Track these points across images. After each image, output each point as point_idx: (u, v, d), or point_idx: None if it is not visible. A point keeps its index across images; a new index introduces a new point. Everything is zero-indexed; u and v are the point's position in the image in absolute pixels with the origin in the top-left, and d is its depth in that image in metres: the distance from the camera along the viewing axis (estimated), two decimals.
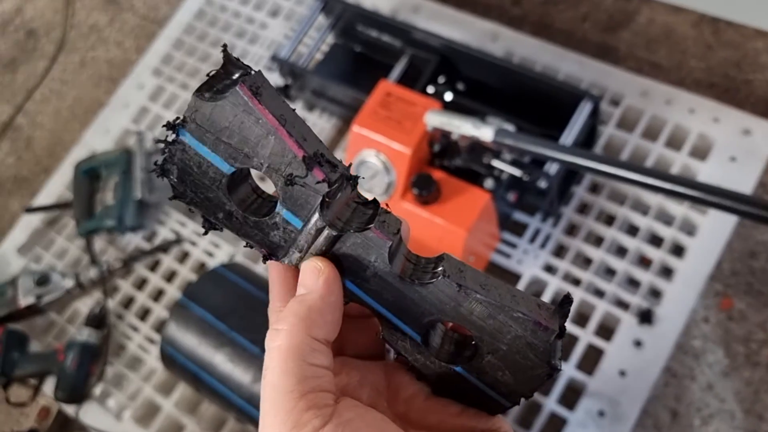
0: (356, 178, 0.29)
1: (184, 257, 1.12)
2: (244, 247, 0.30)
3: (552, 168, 0.86)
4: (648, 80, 1.02)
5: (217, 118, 0.27)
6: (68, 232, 1.19)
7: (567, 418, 0.84)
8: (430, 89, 0.99)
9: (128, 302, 1.11)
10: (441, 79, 1.00)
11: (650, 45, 1.11)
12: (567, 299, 0.28)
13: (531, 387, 0.29)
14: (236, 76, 0.27)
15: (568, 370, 0.86)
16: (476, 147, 0.85)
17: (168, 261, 1.11)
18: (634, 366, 0.85)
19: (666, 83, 1.02)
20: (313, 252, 0.29)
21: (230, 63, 0.28)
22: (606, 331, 0.89)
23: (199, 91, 0.27)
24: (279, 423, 0.25)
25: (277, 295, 0.30)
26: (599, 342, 0.87)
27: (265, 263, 0.30)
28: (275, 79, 1.18)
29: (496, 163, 0.87)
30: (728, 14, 1.08)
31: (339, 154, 1.10)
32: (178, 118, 0.28)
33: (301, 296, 0.28)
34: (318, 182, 0.27)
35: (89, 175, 1.18)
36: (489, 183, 0.88)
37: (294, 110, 0.28)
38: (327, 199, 0.28)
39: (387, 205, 0.29)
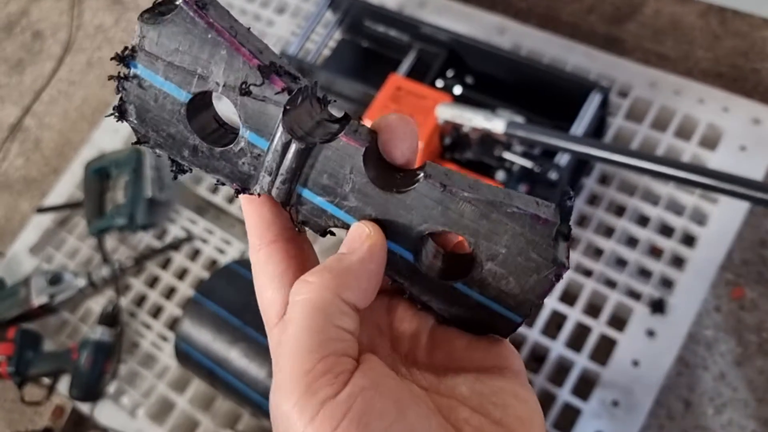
0: (324, 95, 0.27)
1: (195, 255, 1.12)
2: (215, 184, 0.28)
3: (562, 159, 0.87)
4: (656, 71, 1.02)
5: (165, 42, 0.25)
6: (79, 232, 1.20)
7: (581, 408, 0.84)
8: (439, 83, 1.00)
9: (140, 300, 1.11)
10: (450, 73, 1.01)
11: (657, 36, 1.11)
12: (567, 194, 0.26)
13: (539, 292, 0.26)
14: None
15: (582, 360, 0.87)
16: (487, 139, 0.85)
17: (179, 259, 1.11)
18: (646, 356, 0.85)
19: (674, 74, 1.02)
20: (283, 172, 0.26)
21: None
22: (618, 321, 0.89)
23: (145, 15, 0.25)
24: (293, 383, 0.24)
25: (254, 232, 0.28)
26: (612, 332, 0.88)
27: (236, 196, 0.28)
28: None
29: (508, 155, 0.87)
30: (735, 4, 1.08)
31: None
32: (126, 48, 0.26)
33: (342, 255, 0.26)
34: (277, 92, 0.25)
35: (99, 174, 1.19)
36: (500, 175, 0.88)
37: (248, 28, 0.26)
38: (288, 108, 0.25)
39: (360, 119, 0.27)
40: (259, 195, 0.28)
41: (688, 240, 0.92)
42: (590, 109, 0.89)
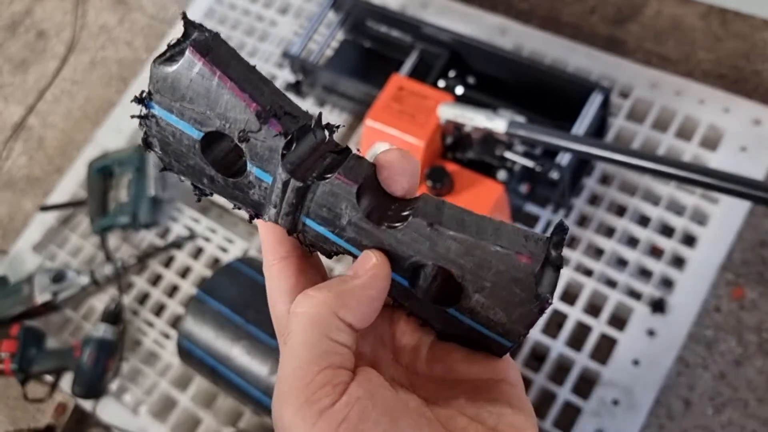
0: (323, 126, 0.29)
1: (198, 253, 1.13)
2: (233, 209, 0.30)
3: (564, 159, 0.87)
4: (657, 72, 1.02)
5: (176, 85, 0.27)
6: (82, 230, 1.21)
7: (581, 407, 0.85)
8: (441, 83, 1.00)
9: (143, 298, 1.12)
10: (451, 74, 1.01)
11: (658, 37, 1.12)
12: (560, 227, 0.27)
13: (526, 323, 0.27)
14: (188, 41, 0.27)
15: (582, 359, 0.87)
16: (489, 139, 0.86)
17: (182, 257, 1.12)
18: (647, 355, 0.85)
19: (675, 75, 1.02)
20: (286, 206, 0.28)
21: (189, 29, 0.28)
22: (619, 320, 0.89)
23: (157, 60, 0.27)
24: (294, 394, 0.25)
25: (268, 249, 0.30)
26: (612, 331, 0.88)
27: (251, 222, 0.30)
28: (286, 75, 1.19)
29: (509, 155, 0.87)
30: (736, 5, 1.08)
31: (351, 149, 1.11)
32: (143, 91, 0.28)
33: (347, 276, 0.28)
34: (275, 135, 0.27)
35: (103, 173, 1.20)
36: (502, 175, 0.88)
37: (253, 67, 0.28)
38: (285, 152, 0.27)
39: (359, 150, 0.29)
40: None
41: (689, 240, 0.92)
42: (591, 110, 0.90)
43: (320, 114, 0.29)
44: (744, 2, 1.07)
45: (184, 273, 1.12)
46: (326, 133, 0.29)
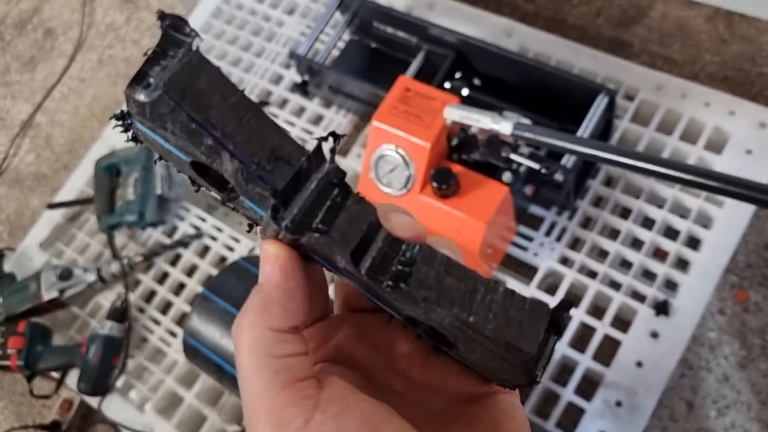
0: (323, 156, 0.26)
1: (204, 251, 1.13)
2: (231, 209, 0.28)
3: (569, 161, 0.87)
4: (663, 74, 1.03)
5: (156, 116, 0.25)
6: (89, 228, 1.21)
7: (584, 408, 0.85)
8: (447, 85, 1.00)
9: (149, 296, 1.12)
10: (457, 75, 1.02)
11: (664, 40, 1.12)
12: (566, 303, 0.26)
13: (514, 384, 0.27)
14: (166, 73, 0.24)
15: (585, 361, 0.87)
16: (494, 141, 0.86)
17: (188, 255, 1.13)
18: (650, 357, 0.86)
19: (680, 77, 1.02)
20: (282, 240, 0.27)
21: (167, 38, 0.25)
22: (622, 322, 0.90)
23: (132, 86, 0.24)
24: (262, 422, 0.24)
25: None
26: (616, 333, 0.88)
27: (249, 231, 0.29)
28: (293, 75, 1.20)
29: (514, 157, 0.88)
30: (742, 8, 1.08)
31: (357, 150, 1.12)
32: (122, 111, 0.26)
33: (259, 286, 0.26)
34: (263, 188, 0.25)
35: (110, 171, 1.20)
36: (507, 176, 0.89)
37: (240, 97, 0.25)
38: (275, 213, 0.25)
39: (359, 193, 0.26)
40: None
41: (693, 242, 0.92)
42: (597, 112, 0.90)
43: (318, 145, 0.26)
44: (750, 5, 1.07)
45: (191, 271, 1.12)
46: (327, 161, 0.26)
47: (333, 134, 0.27)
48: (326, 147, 0.27)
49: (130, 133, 0.27)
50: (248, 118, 0.25)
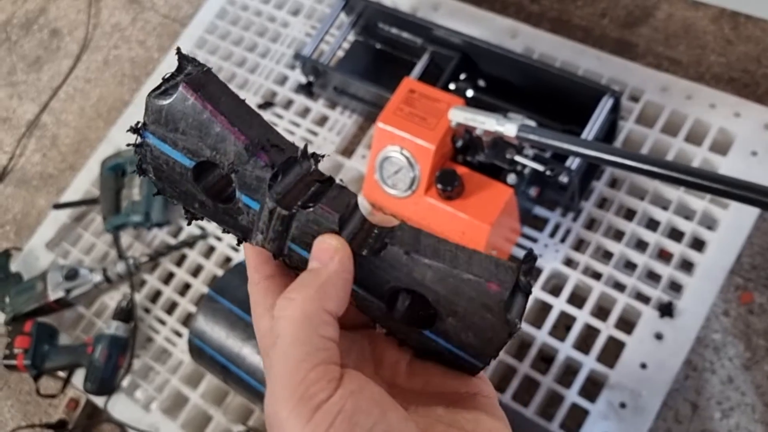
0: (309, 156, 0.30)
1: (209, 252, 1.14)
2: (222, 232, 0.32)
3: (574, 163, 0.87)
4: (668, 75, 1.02)
5: (170, 117, 0.29)
6: (95, 228, 1.22)
7: (588, 409, 0.85)
8: (452, 86, 1.01)
9: (155, 296, 1.13)
10: (462, 76, 1.02)
11: (669, 40, 1.12)
12: (529, 255, 0.29)
13: (495, 347, 0.29)
14: (181, 76, 0.29)
15: (590, 362, 0.88)
16: (499, 142, 0.86)
17: (193, 255, 1.13)
18: (655, 359, 0.86)
19: (685, 79, 1.02)
20: (272, 232, 0.30)
21: (183, 62, 0.30)
22: (627, 324, 0.90)
23: (152, 93, 0.29)
24: (288, 392, 0.26)
25: (253, 268, 0.32)
26: (620, 335, 0.88)
27: (239, 246, 0.31)
28: (297, 76, 1.20)
29: (519, 159, 0.88)
30: (748, 9, 1.08)
31: (362, 150, 1.12)
32: (138, 122, 0.30)
33: (317, 269, 0.29)
34: (263, 166, 0.29)
35: (115, 171, 1.21)
36: (511, 178, 0.89)
37: (243, 101, 0.30)
38: (272, 183, 0.29)
39: (342, 181, 0.31)
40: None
41: (698, 244, 0.92)
42: (602, 113, 0.90)
43: (306, 145, 0.30)
44: (756, 6, 1.07)
45: (196, 272, 1.13)
46: (312, 162, 0.31)
47: (314, 155, 0.31)
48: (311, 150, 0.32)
49: (138, 159, 0.31)
50: (251, 116, 0.30)
